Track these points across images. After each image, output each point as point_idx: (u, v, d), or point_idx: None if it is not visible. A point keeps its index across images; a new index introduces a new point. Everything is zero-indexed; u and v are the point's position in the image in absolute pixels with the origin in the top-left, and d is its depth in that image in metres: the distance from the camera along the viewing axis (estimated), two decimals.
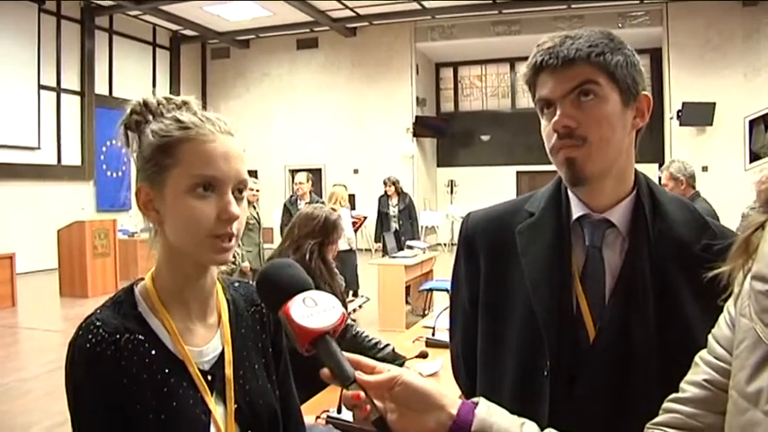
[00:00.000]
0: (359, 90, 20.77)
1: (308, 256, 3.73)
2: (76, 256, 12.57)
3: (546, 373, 1.44)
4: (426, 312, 9.46)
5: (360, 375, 1.12)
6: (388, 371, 1.14)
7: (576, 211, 1.52)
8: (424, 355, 3.76)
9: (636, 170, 1.53)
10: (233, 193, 1.32)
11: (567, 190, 1.55)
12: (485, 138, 21.59)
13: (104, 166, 18.32)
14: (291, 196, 10.09)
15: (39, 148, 16.59)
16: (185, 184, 1.29)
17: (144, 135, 1.35)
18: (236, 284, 1.57)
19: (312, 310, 1.15)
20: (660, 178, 5.94)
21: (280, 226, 9.76)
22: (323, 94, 21.04)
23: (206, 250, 1.31)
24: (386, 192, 11.39)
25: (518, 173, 20.99)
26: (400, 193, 11.39)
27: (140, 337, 1.32)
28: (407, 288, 9.81)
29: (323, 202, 9.68)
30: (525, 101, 21.40)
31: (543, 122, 1.47)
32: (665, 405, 1.16)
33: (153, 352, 1.33)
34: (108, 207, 18.02)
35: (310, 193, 9.84)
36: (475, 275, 1.62)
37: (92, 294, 12.41)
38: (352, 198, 15.87)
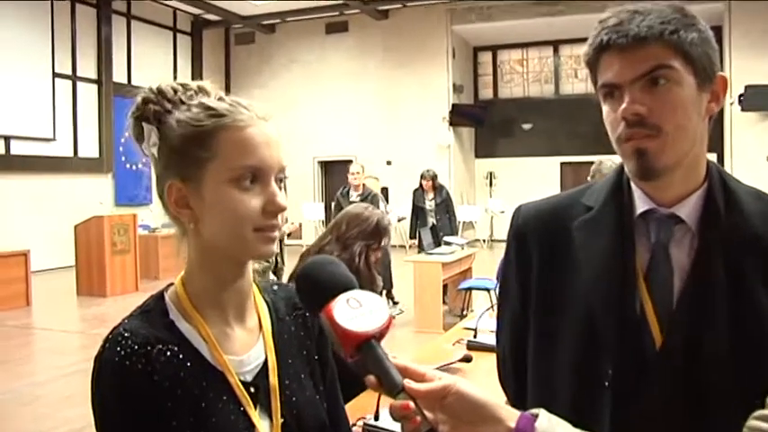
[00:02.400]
0: (391, 77, 20.77)
1: (357, 260, 3.73)
2: (94, 253, 12.71)
3: (606, 384, 1.40)
4: (465, 313, 9.42)
5: (409, 384, 1.08)
6: (439, 379, 1.11)
7: (641, 205, 1.47)
8: (467, 359, 3.74)
9: (708, 160, 1.47)
10: (275, 182, 1.30)
11: (629, 182, 1.50)
12: (526, 126, 21.48)
13: (123, 158, 18.50)
14: (344, 188, 10.14)
15: (54, 139, 16.84)
16: (227, 177, 1.27)
17: (167, 126, 1.32)
18: (275, 287, 1.55)
19: (357, 312, 1.13)
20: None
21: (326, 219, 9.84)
22: (353, 81, 21.10)
23: (252, 245, 1.29)
24: (421, 185, 11.36)
25: (562, 164, 20.88)
26: (437, 187, 11.36)
27: (174, 347, 1.30)
28: (444, 287, 9.80)
29: (376, 194, 9.76)
30: (570, 86, 21.25)
31: (606, 109, 1.42)
32: (751, 423, 1.11)
33: (188, 363, 1.30)
34: (127, 201, 18.19)
35: (364, 185, 9.90)
36: (526, 273, 1.58)
37: (110, 293, 12.56)
38: (384, 191, 15.84)
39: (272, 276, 6.35)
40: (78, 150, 17.60)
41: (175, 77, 20.09)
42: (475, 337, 4.30)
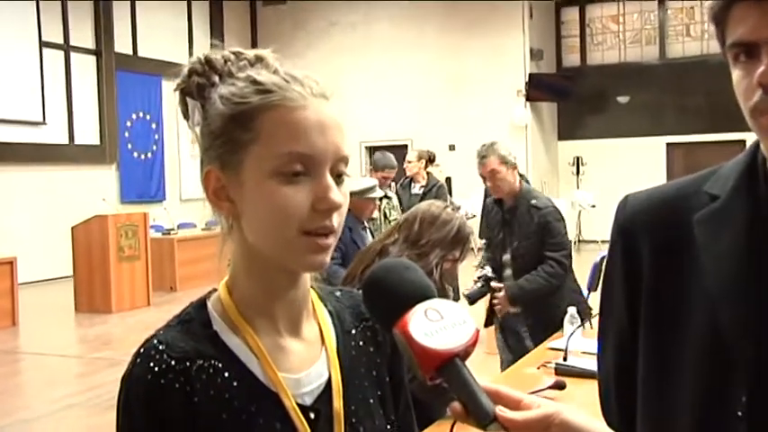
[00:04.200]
0: (454, 43, 20.77)
1: (435, 272, 3.74)
2: (97, 261, 12.85)
3: (740, 414, 1.37)
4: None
5: (502, 412, 1.09)
6: (538, 406, 1.11)
7: None
8: (560, 386, 3.76)
9: None
10: (331, 174, 1.30)
11: (766, 165, 1.47)
12: (622, 100, 21.28)
13: (130, 146, 18.75)
14: (404, 179, 10.18)
15: (44, 123, 17.07)
16: (270, 165, 1.27)
17: (210, 103, 1.34)
18: (338, 293, 1.56)
19: (437, 326, 1.13)
20: (484, 163, 5.92)
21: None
22: (408, 49, 21.16)
23: (297, 252, 1.30)
24: None
25: (669, 145, 20.67)
26: None
27: (218, 363, 1.31)
28: None
29: (442, 185, 9.78)
30: (679, 47, 20.99)
31: (738, 73, 1.38)
32: None
33: (235, 382, 1.31)
34: (136, 198, 18.43)
35: (428, 174, 9.92)
36: (635, 278, 1.56)
37: (116, 309, 12.71)
38: (447, 182, 15.81)
39: None
40: (75, 136, 17.88)
41: (190, 47, 20.39)
42: (565, 359, 4.29)
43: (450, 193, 11.91)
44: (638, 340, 1.56)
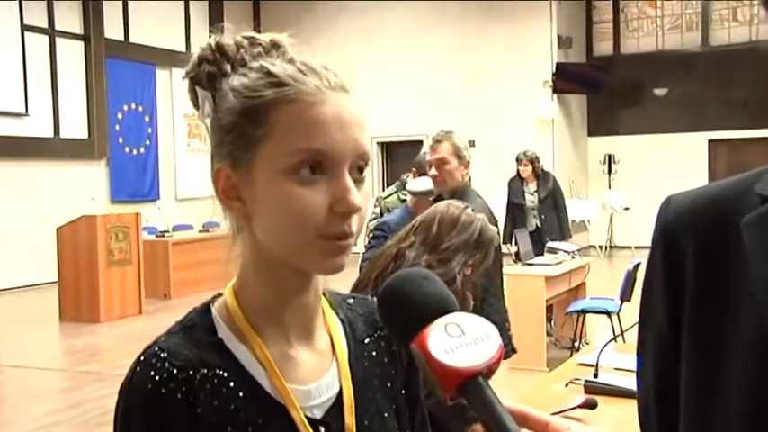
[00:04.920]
0: (475, 30, 20.79)
1: (458, 279, 3.74)
2: (84, 265, 12.89)
3: None
4: (577, 345, 9.37)
5: None
6: (568, 428, 1.10)
7: None
8: (591, 405, 3.75)
9: None
10: (350, 173, 1.31)
11: None
12: (659, 92, 21.26)
13: (121, 140, 18.80)
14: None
15: (26, 114, 17.11)
16: (284, 163, 1.28)
17: (221, 94, 1.35)
18: (351, 300, 1.58)
19: (458, 341, 1.13)
20: (435, 148, 5.95)
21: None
22: (424, 35, 21.19)
23: (314, 255, 1.31)
24: (519, 173, 11.28)
25: (711, 142, 20.63)
26: (539, 175, 11.27)
27: (222, 372, 1.33)
28: (548, 308, 9.80)
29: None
30: (724, 33, 20.96)
31: None
32: None
33: (241, 393, 1.33)
34: (128, 197, 18.49)
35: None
36: (678, 285, 1.56)
37: (105, 318, 12.75)
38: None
39: None
40: (60, 129, 17.94)
41: (187, 30, 20.44)
42: (595, 376, 4.29)
43: None
44: (680, 350, 1.56)
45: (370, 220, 7.98)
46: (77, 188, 17.20)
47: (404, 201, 7.38)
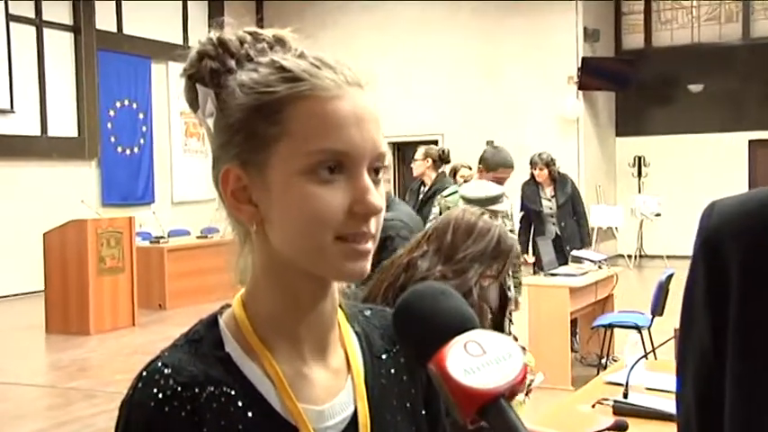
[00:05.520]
0: (494, 23, 20.82)
1: (474, 291, 3.73)
2: (73, 273, 12.88)
3: None
4: (605, 362, 9.35)
5: None
6: None
7: None
8: (621, 428, 3.75)
9: None
10: (368, 173, 1.32)
11: None
12: (695, 88, 21.23)
13: (113, 139, 18.84)
14: (414, 182, 10.24)
15: (12, 111, 17.12)
16: (300, 163, 1.29)
17: (227, 91, 1.35)
18: (368, 312, 1.58)
19: (479, 361, 1.14)
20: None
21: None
22: (439, 29, 21.22)
23: (334, 259, 1.31)
24: (533, 177, 11.27)
25: (752, 143, 20.62)
26: (556, 179, 11.26)
27: (230, 390, 1.33)
28: (573, 322, 9.78)
29: (449, 186, 9.75)
30: (766, 25, 20.85)
31: None
32: None
33: (249, 413, 1.33)
34: (120, 200, 18.52)
35: (439, 174, 9.93)
36: (723, 299, 1.55)
37: (95, 330, 12.73)
38: None
39: None
40: (48, 127, 17.97)
41: (185, 22, 20.47)
42: (625, 396, 4.28)
43: None
44: (724, 368, 1.55)
45: (429, 221, 7.87)
46: (66, 190, 17.23)
47: (468, 201, 7.29)
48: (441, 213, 7.60)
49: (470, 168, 10.37)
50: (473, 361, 1.13)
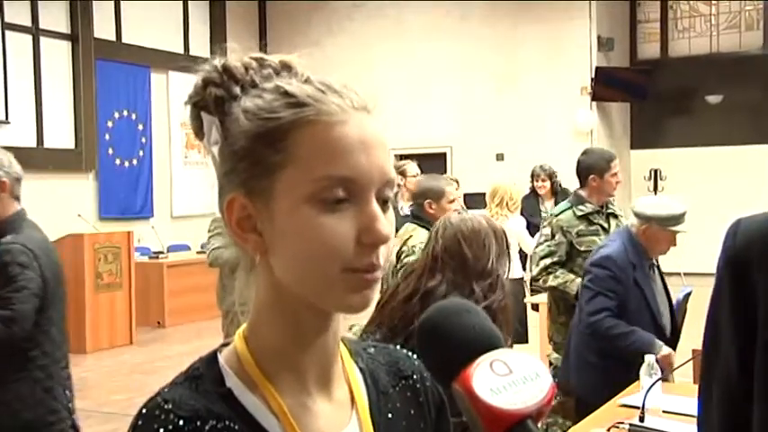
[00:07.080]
0: (505, 30, 20.81)
1: (500, 300, 3.74)
2: (69, 289, 12.57)
3: None
4: None
5: None
6: None
7: None
8: None
9: None
10: (376, 200, 1.32)
11: None
12: (713, 99, 21.22)
13: (111, 151, 18.83)
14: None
15: (7, 121, 17.12)
16: (306, 191, 1.30)
17: (231, 118, 1.36)
18: (371, 349, 1.59)
19: (505, 381, 1.14)
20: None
21: None
22: (448, 37, 21.21)
23: (340, 291, 1.31)
24: (533, 189, 11.26)
25: None
26: (558, 193, 11.24)
27: (233, 425, 1.33)
28: None
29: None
30: None
31: None
32: None
33: None
34: (118, 213, 18.50)
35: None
36: (749, 320, 1.55)
37: (92, 348, 12.77)
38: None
39: None
40: (44, 138, 17.97)
41: (186, 30, 20.51)
42: (641, 420, 4.28)
43: None
44: (751, 392, 1.55)
45: (539, 244, 7.40)
46: (62, 203, 17.12)
47: (581, 217, 6.94)
48: (553, 236, 7.31)
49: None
50: (500, 380, 1.14)
